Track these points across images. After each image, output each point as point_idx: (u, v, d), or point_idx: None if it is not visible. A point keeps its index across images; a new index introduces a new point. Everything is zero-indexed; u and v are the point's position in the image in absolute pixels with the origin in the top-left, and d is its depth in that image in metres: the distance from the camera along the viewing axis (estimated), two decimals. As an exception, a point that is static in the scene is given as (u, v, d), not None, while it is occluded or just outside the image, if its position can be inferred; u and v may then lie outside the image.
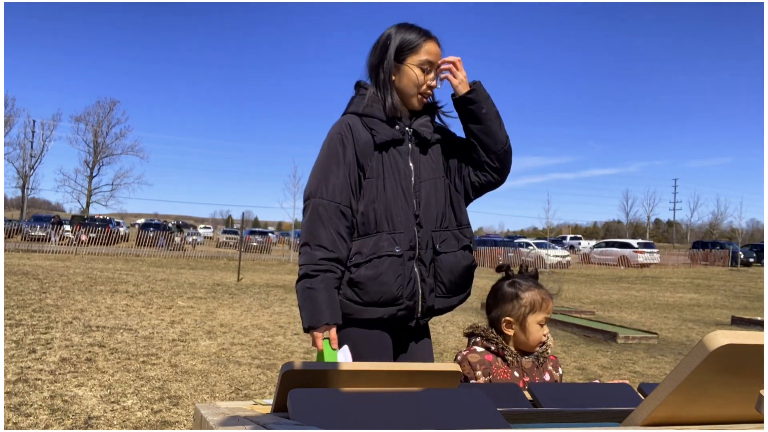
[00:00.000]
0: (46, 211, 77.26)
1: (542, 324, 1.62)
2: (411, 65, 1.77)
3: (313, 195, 1.70)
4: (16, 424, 3.24)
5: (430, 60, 1.77)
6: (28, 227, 27.21)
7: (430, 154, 1.85)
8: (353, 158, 1.73)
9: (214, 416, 0.89)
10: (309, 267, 1.64)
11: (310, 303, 1.63)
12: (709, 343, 0.70)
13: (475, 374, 1.55)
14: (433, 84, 1.80)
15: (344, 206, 1.69)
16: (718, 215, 72.40)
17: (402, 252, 1.70)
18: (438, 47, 1.80)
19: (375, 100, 1.79)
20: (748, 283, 20.92)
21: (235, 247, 32.32)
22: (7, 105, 46.71)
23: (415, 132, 1.81)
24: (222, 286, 11.95)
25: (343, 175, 1.71)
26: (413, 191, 1.77)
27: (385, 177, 1.74)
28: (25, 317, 6.61)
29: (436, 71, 1.80)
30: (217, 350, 5.56)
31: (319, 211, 1.68)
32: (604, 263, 30.55)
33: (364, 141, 1.74)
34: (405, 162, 1.78)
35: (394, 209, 1.72)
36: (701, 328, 9.04)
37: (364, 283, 1.67)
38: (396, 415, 0.83)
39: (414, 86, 1.78)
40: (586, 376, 5.31)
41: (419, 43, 1.77)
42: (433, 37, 1.81)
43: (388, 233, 1.70)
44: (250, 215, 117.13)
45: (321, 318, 1.61)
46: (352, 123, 1.77)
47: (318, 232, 1.66)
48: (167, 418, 3.52)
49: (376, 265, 1.67)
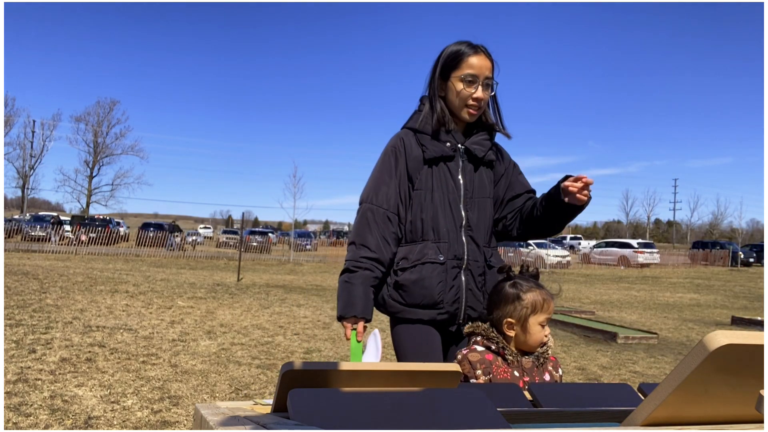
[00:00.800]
0: (46, 211, 77.23)
1: (543, 325, 1.62)
2: (454, 80, 1.85)
3: (365, 200, 1.88)
4: (16, 424, 3.24)
5: (473, 73, 1.83)
6: (28, 227, 27.22)
7: (482, 172, 1.94)
8: (404, 171, 1.87)
9: (214, 416, 0.89)
10: (351, 263, 1.81)
11: (345, 294, 1.79)
12: (709, 343, 0.70)
13: (475, 373, 1.56)
14: (479, 96, 1.85)
15: (391, 213, 1.85)
16: (718, 215, 72.46)
17: (445, 260, 1.82)
18: (485, 59, 1.85)
19: (428, 116, 1.90)
20: (748, 283, 20.93)
21: (235, 247, 32.33)
22: (7, 105, 46.72)
23: (467, 149, 1.90)
24: (222, 286, 11.95)
25: (393, 186, 1.86)
26: (463, 205, 1.87)
27: (434, 190, 1.86)
28: (25, 317, 6.61)
29: (483, 82, 1.85)
30: (217, 350, 5.56)
31: (367, 215, 1.85)
32: (604, 263, 30.54)
33: (415, 156, 1.87)
34: (455, 177, 1.88)
35: (441, 220, 1.84)
36: (701, 328, 9.04)
37: (408, 286, 1.80)
38: (396, 415, 0.83)
39: (459, 100, 1.86)
40: (586, 376, 5.30)
41: (462, 58, 1.84)
42: (480, 50, 1.85)
43: (433, 242, 1.83)
44: (250, 215, 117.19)
45: (351, 310, 1.76)
46: (406, 138, 1.90)
47: (364, 233, 1.83)
48: (167, 418, 3.52)
49: (419, 270, 1.80)
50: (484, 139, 1.93)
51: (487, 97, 1.89)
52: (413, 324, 1.83)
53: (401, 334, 1.84)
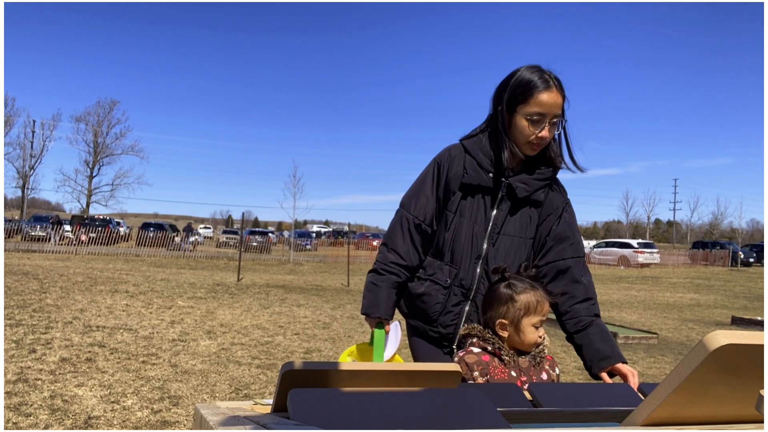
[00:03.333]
0: (46, 211, 77.21)
1: (537, 326, 1.61)
2: (519, 116, 1.75)
3: (403, 206, 1.92)
4: (16, 424, 3.24)
5: (542, 112, 1.72)
6: (28, 227, 27.21)
7: (525, 211, 1.85)
8: (443, 187, 1.88)
9: (214, 416, 0.89)
10: (380, 264, 1.88)
11: (371, 295, 1.87)
12: (709, 343, 0.70)
13: (473, 375, 1.55)
14: (543, 135, 1.75)
15: (426, 224, 1.88)
16: (718, 215, 72.37)
17: (450, 285, 1.83)
18: (557, 95, 1.73)
19: (485, 143, 1.83)
20: (748, 283, 20.93)
21: (235, 247, 32.32)
22: (7, 105, 46.71)
23: (509, 186, 1.82)
24: (222, 286, 11.95)
25: (432, 199, 1.88)
26: (487, 239, 1.83)
27: (462, 215, 1.85)
28: (25, 317, 6.61)
29: (550, 121, 1.74)
30: (217, 350, 5.56)
31: (402, 221, 1.90)
32: (604, 263, 30.54)
33: (455, 174, 1.85)
34: (488, 210, 1.84)
35: (460, 246, 1.84)
36: (701, 328, 9.04)
37: (412, 296, 1.89)
38: (396, 415, 0.82)
39: (522, 137, 1.77)
40: (586, 376, 5.30)
41: (532, 93, 1.72)
42: (552, 85, 1.73)
43: (446, 264, 1.85)
44: (250, 215, 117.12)
45: (375, 311, 1.85)
46: (454, 155, 1.88)
47: (396, 238, 1.89)
48: (167, 418, 3.52)
49: (425, 286, 1.86)
50: (535, 179, 1.83)
51: (552, 135, 1.79)
52: (415, 336, 1.93)
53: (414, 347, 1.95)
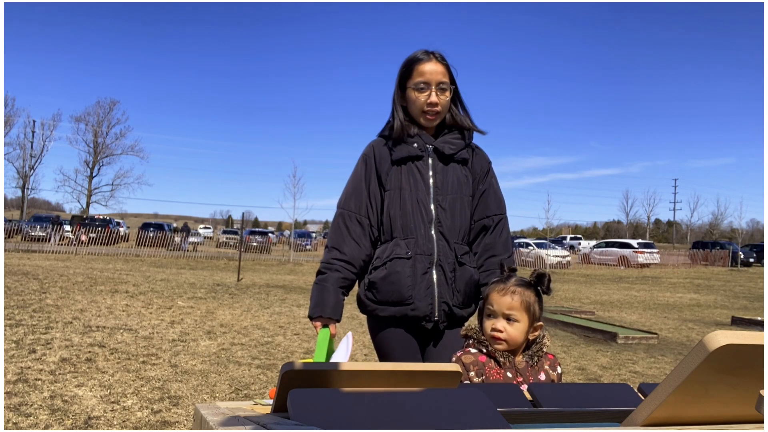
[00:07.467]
0: (46, 211, 77.23)
1: (490, 315, 1.58)
2: (409, 89, 1.93)
3: (339, 206, 1.98)
4: (16, 424, 3.24)
5: (424, 80, 1.89)
6: (28, 227, 27.21)
7: (458, 170, 1.96)
8: (373, 175, 1.96)
9: (214, 416, 0.89)
10: (324, 265, 1.91)
11: (317, 295, 1.87)
12: (709, 343, 0.70)
13: (469, 375, 1.56)
14: (432, 100, 1.90)
15: (362, 216, 1.93)
16: (718, 215, 72.37)
17: (413, 255, 1.86)
18: (437, 64, 1.91)
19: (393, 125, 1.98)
20: (748, 283, 20.93)
21: (235, 247, 32.32)
22: (7, 105, 46.68)
23: (436, 148, 1.94)
24: (222, 286, 11.95)
25: (364, 190, 1.95)
26: (433, 203, 1.90)
27: (402, 188, 1.91)
28: (25, 317, 6.61)
29: (436, 87, 1.90)
30: (217, 350, 5.56)
31: (339, 220, 1.95)
32: (604, 263, 30.54)
33: (383, 159, 1.96)
34: (424, 175, 1.92)
35: (409, 217, 1.89)
36: (701, 328, 9.04)
37: (378, 283, 1.86)
38: (396, 415, 0.83)
39: (416, 108, 1.93)
40: (586, 376, 5.31)
41: (413, 66, 1.91)
42: (432, 56, 1.91)
43: (402, 239, 1.88)
44: (250, 215, 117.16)
45: (320, 310, 1.84)
46: (376, 144, 2.00)
47: (336, 236, 1.92)
48: (167, 418, 3.52)
49: (388, 267, 1.86)
50: (455, 138, 1.97)
51: (444, 101, 1.92)
52: (395, 329, 1.89)
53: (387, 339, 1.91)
